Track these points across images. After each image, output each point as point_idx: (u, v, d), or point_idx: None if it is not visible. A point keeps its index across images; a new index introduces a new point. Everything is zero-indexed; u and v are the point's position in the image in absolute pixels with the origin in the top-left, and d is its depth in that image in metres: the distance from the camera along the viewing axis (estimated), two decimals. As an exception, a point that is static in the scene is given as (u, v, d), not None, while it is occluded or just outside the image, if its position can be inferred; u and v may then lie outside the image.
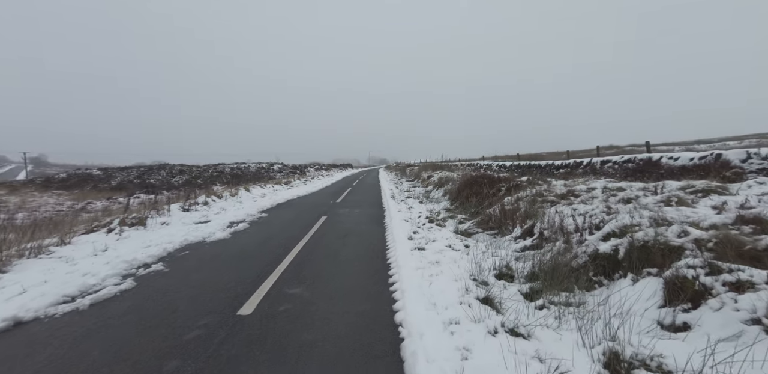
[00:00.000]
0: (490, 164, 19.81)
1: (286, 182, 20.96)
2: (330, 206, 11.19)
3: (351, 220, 8.45)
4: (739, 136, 34.84)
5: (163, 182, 31.11)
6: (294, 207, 10.97)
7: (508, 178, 9.67)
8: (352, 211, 9.96)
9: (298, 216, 9.06)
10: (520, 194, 7.16)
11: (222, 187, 29.39)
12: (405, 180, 25.28)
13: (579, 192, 6.09)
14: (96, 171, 36.07)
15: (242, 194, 13.23)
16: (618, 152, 25.96)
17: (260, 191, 15.05)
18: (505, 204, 7.28)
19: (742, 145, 25.68)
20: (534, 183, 8.62)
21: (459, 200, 10.19)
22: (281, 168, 40.95)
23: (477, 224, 6.97)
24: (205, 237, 6.45)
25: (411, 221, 7.88)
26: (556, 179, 9.72)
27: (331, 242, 6.17)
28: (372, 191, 17.17)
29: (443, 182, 16.17)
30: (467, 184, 10.45)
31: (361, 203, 12.01)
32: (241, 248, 5.79)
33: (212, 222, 7.82)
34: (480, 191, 9.29)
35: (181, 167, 37.81)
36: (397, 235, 6.39)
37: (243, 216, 8.78)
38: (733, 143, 27.61)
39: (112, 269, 4.11)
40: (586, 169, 11.07)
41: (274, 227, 7.62)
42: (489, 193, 9.00)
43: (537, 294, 3.49)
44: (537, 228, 5.28)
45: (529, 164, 15.19)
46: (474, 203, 8.80)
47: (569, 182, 8.23)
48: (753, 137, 32.20)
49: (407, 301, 3.44)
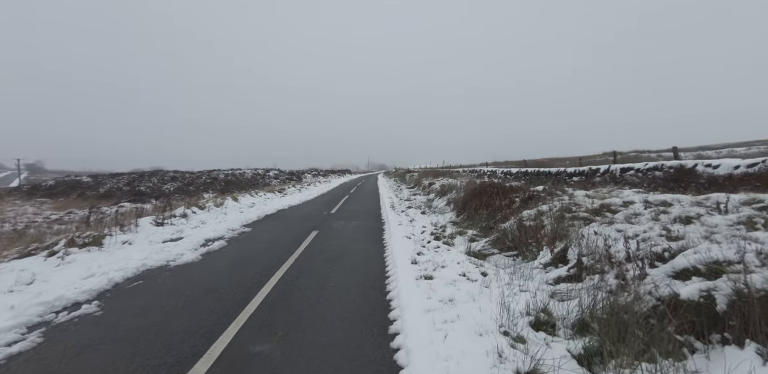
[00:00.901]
0: (495, 170, 18.85)
1: (279, 190, 19.94)
2: (323, 217, 10.16)
3: (345, 236, 7.42)
4: (744, 142, 34.08)
5: (153, 190, 30.05)
6: (283, 219, 9.93)
7: (521, 187, 8.68)
8: (347, 224, 8.94)
9: (285, 231, 8.02)
10: (541, 208, 6.16)
11: (214, 194, 28.39)
12: (405, 187, 24.31)
13: (615, 207, 5.09)
14: (86, 178, 34.98)
15: (229, 205, 12.19)
16: (624, 159, 25.15)
17: (249, 201, 14.01)
18: (524, 219, 6.28)
19: (750, 152, 24.85)
20: (552, 194, 7.64)
21: (466, 212, 9.18)
22: (277, 174, 39.94)
23: (492, 244, 5.95)
24: (169, 261, 5.41)
25: (414, 238, 6.87)
26: (573, 188, 8.74)
27: (319, 267, 5.13)
28: (370, 199, 16.16)
29: (446, 190, 15.19)
30: (475, 194, 9.45)
31: (357, 214, 10.99)
32: (209, 275, 4.74)
33: (184, 240, 6.78)
34: (491, 202, 8.29)
35: (174, 173, 36.76)
36: (398, 257, 5.37)
37: (223, 231, 7.74)
38: (742, 150, 26.79)
39: (14, 319, 3.04)
40: (604, 177, 10.10)
41: (256, 245, 6.58)
42: (501, 205, 8.00)
43: (596, 359, 2.47)
44: (572, 253, 4.27)
45: (538, 171, 14.23)
46: (485, 216, 7.79)
47: (592, 193, 7.25)
48: (759, 143, 31.43)
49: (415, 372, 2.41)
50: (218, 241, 6.79)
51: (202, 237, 7.05)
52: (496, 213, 7.83)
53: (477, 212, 8.50)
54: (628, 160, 24.74)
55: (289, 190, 20.94)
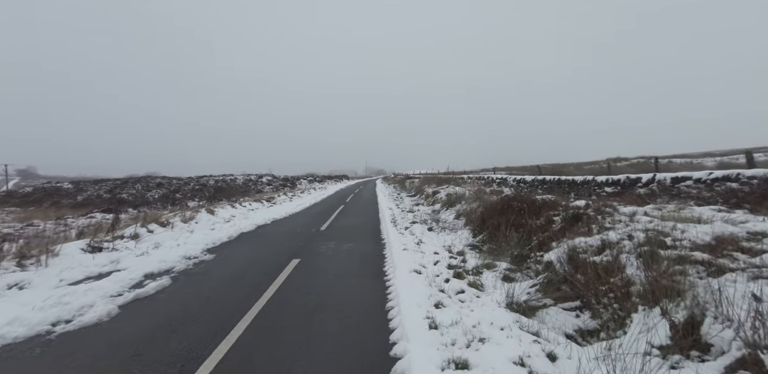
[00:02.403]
0: (505, 178, 17.12)
1: (268, 199, 18.11)
2: (310, 237, 8.35)
3: (333, 269, 5.61)
4: (759, 147, 32.62)
5: (136, 197, 28.14)
6: (260, 240, 8.11)
7: (556, 202, 6.92)
8: (338, 248, 7.12)
9: (257, 259, 6.20)
10: (606, 236, 4.38)
11: (202, 202, 26.48)
12: (405, 195, 22.54)
13: (746, 243, 3.32)
14: (67, 185, 33.02)
15: (201, 219, 10.36)
16: (629, 166, 23.46)
17: (229, 213, 12.18)
18: (578, 250, 4.51)
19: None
20: (601, 211, 5.90)
21: (486, 231, 7.41)
22: (270, 181, 38.07)
23: (542, 290, 4.15)
24: (60, 321, 3.59)
25: (426, 271, 5.09)
26: (617, 202, 6.99)
27: (286, 336, 3.32)
28: (368, 210, 14.36)
29: (453, 201, 13.43)
30: (496, 209, 7.69)
31: (352, 231, 9.18)
32: (110, 354, 2.93)
33: (113, 276, 4.95)
34: (520, 221, 6.52)
35: (162, 179, 34.86)
36: (407, 314, 3.59)
37: (175, 261, 5.92)
38: (762, 157, 25.22)
39: None
40: (650, 188, 8.38)
41: (208, 286, 4.77)
42: (535, 225, 6.23)
43: None
44: (711, 328, 2.50)
45: (558, 179, 12.50)
46: (515, 240, 6.01)
47: (655, 211, 5.52)
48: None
49: None
50: (160, 278, 4.97)
51: (141, 271, 5.23)
52: (530, 236, 6.06)
53: (498, 230, 6.73)
54: (634, 166, 23.07)
55: (279, 199, 19.12)
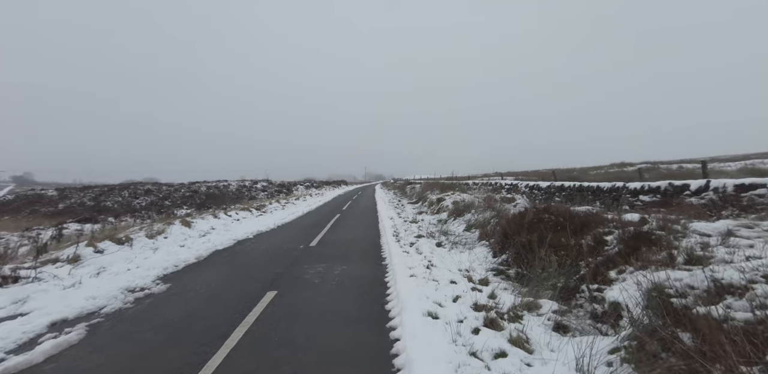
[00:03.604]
0: (515, 184, 15.71)
1: (259, 207, 16.67)
2: (295, 257, 6.92)
3: (317, 311, 4.16)
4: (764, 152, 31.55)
5: (122, 205, 26.65)
6: (234, 261, 6.67)
7: (600, 215, 5.52)
8: (328, 273, 5.69)
9: (221, 291, 4.76)
10: (713, 273, 2.99)
11: (190, 210, 24.98)
12: (407, 202, 21.13)
13: None
14: (51, 192, 31.53)
15: (173, 232, 8.92)
16: (637, 171, 22.12)
17: (208, 224, 10.74)
18: (667, 289, 3.10)
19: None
20: (668, 229, 4.51)
21: (510, 250, 6.00)
22: (266, 187, 36.61)
23: (630, 358, 2.73)
24: None
25: (444, 316, 3.68)
26: (668, 214, 5.58)
27: None
28: (366, 219, 12.94)
29: (461, 210, 12.03)
30: (522, 223, 6.28)
31: (347, 248, 7.75)
32: None
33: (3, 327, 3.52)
34: (558, 239, 5.11)
35: (152, 186, 33.39)
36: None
37: (110, 296, 4.48)
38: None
39: None
40: (704, 197, 7.00)
41: (135, 342, 3.33)
42: (580, 247, 4.82)
43: None
44: None
45: (580, 186, 11.11)
46: (555, 265, 4.58)
47: (747, 230, 4.14)
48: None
49: None
50: (71, 329, 3.53)
51: (51, 317, 3.80)
52: (574, 261, 4.65)
53: (536, 253, 5.32)
54: (655, 173, 21.75)
55: (271, 207, 17.68)
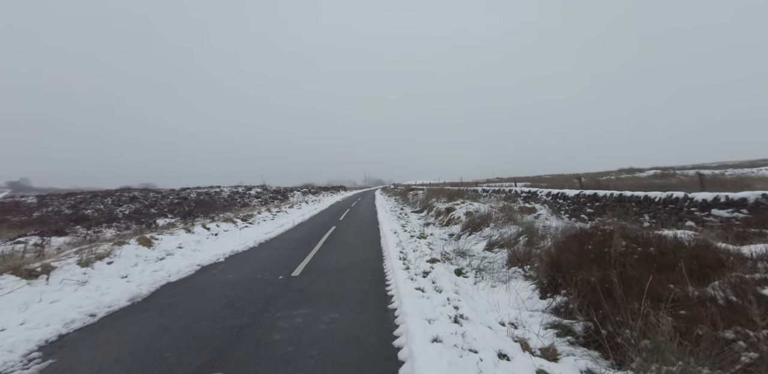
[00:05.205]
0: (534, 192, 13.97)
1: (245, 217, 14.88)
2: (270, 297, 5.12)
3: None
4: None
5: (103, 213, 24.82)
6: (182, 306, 4.86)
7: (708, 247, 3.77)
8: (309, 329, 3.89)
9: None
10: None
11: (175, 219, 23.14)
12: (410, 211, 19.36)
13: None
14: (31, 199, 29.73)
15: (125, 254, 7.12)
16: (652, 177, 20.42)
17: (176, 242, 8.96)
18: None
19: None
20: None
21: (570, 290, 4.23)
22: (260, 193, 34.82)
23: None
24: None
25: None
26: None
27: None
28: (366, 234, 11.16)
29: (477, 223, 10.27)
30: (586, 253, 4.51)
31: (340, 281, 5.96)
32: None
33: None
34: (664, 288, 3.34)
35: (138, 192, 31.60)
36: None
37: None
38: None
39: None
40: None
41: None
42: (705, 303, 3.06)
43: None
44: None
45: (620, 196, 9.37)
46: (670, 336, 2.82)
47: None
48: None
49: None
50: None
51: None
52: (713, 330, 2.88)
53: (587, 290, 3.58)
54: (670, 178, 20.08)
55: (259, 216, 15.90)
